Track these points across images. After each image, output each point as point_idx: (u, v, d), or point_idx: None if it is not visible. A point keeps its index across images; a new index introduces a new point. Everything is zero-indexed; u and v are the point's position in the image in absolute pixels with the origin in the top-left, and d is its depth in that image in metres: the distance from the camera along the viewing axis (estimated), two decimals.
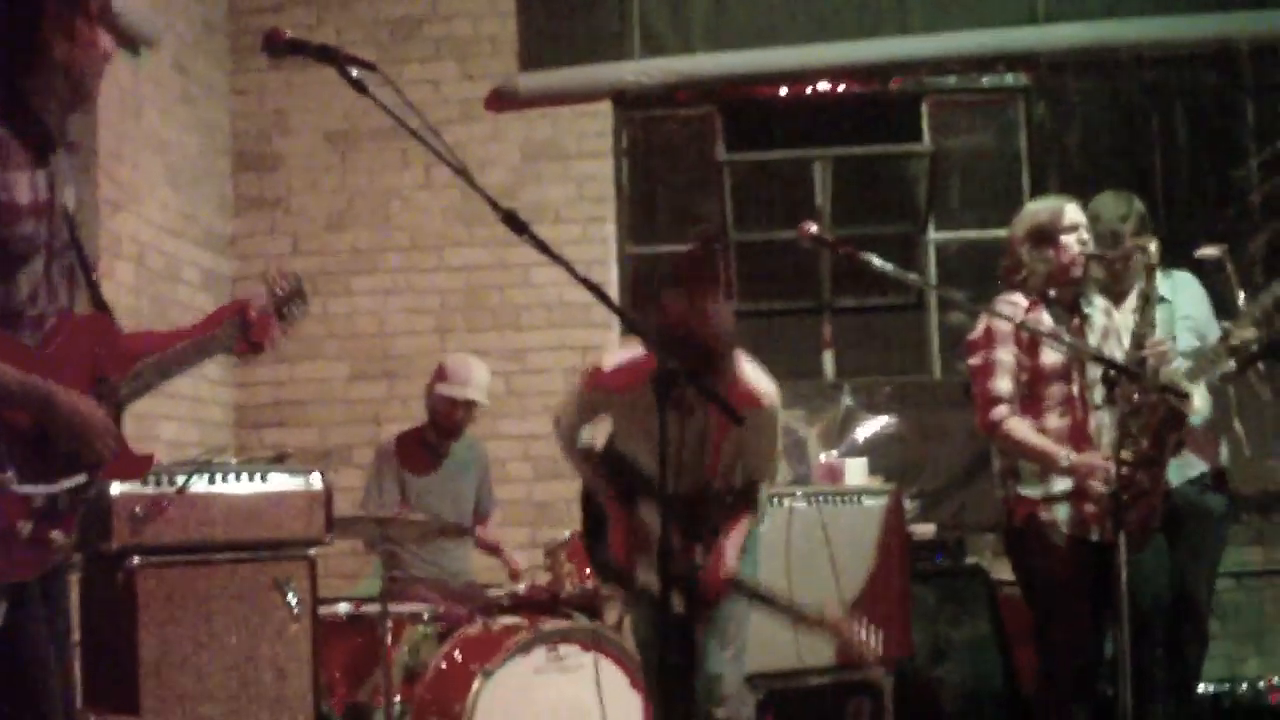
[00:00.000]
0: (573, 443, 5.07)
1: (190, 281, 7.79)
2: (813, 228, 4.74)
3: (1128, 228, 5.68)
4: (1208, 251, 5.84)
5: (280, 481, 5.59)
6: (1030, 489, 5.20)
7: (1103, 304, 5.39)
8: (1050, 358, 5.17)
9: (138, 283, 7.06)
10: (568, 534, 6.29)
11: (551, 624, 5.85)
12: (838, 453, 7.80)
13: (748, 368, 4.90)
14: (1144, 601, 5.04)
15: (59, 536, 3.34)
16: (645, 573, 4.85)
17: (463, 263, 8.40)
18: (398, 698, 5.94)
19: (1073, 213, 5.29)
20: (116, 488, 5.10)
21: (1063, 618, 5.13)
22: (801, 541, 6.31)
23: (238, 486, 5.47)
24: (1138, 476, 4.96)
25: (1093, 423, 5.16)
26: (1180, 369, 5.20)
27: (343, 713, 6.13)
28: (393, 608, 5.95)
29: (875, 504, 6.69)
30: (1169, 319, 5.64)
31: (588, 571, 6.12)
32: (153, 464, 3.86)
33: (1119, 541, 4.52)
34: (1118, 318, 5.37)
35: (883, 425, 8.29)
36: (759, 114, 8.61)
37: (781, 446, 5.22)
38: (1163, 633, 5.42)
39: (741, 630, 5.00)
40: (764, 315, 8.52)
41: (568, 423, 5.12)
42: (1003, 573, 6.41)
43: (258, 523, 5.50)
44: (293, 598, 5.52)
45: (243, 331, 3.84)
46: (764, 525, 5.25)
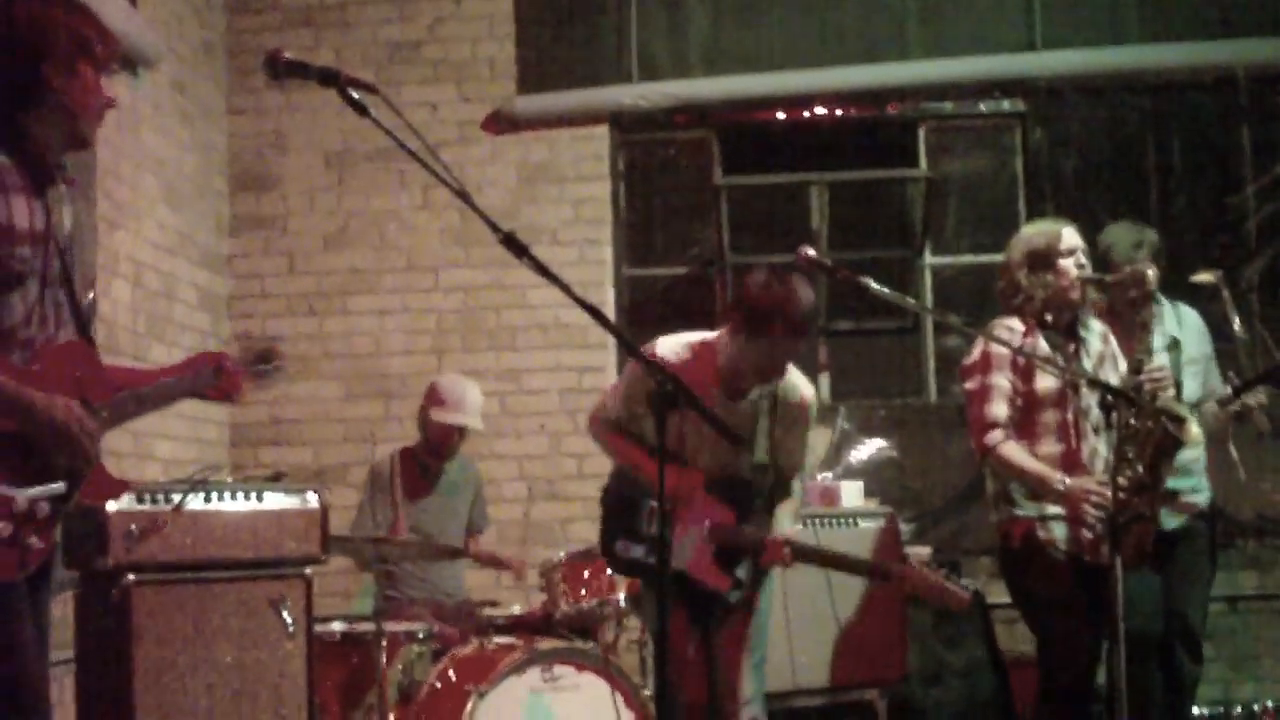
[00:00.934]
0: (614, 425, 5.08)
1: (187, 300, 7.79)
2: (809, 251, 4.75)
3: (1142, 255, 5.69)
4: (1203, 277, 5.85)
5: (276, 500, 5.59)
6: (1026, 509, 5.20)
7: (1099, 329, 5.39)
8: (1045, 383, 5.17)
9: (134, 301, 7.07)
10: (562, 554, 6.29)
11: (546, 644, 5.85)
12: (833, 475, 7.82)
13: (791, 370, 5.05)
14: (1135, 624, 5.04)
15: (36, 543, 3.39)
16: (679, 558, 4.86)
17: (459, 283, 8.41)
18: (392, 717, 5.93)
19: (1070, 236, 5.29)
20: (112, 505, 5.10)
21: (1062, 637, 5.13)
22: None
23: (234, 505, 5.47)
24: (1133, 501, 4.96)
25: (1086, 449, 5.16)
26: (1195, 433, 5.18)
27: None
28: (387, 627, 5.95)
29: (871, 526, 6.71)
30: (1177, 362, 5.65)
31: (583, 592, 6.12)
32: (128, 488, 3.92)
33: (1114, 565, 4.52)
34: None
35: (878, 448, 8.31)
36: (756, 138, 8.63)
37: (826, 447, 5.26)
38: (1158, 656, 5.43)
39: (762, 641, 5.09)
40: None
41: (615, 404, 5.13)
42: (998, 596, 6.41)
43: (253, 541, 5.50)
44: (288, 616, 5.52)
45: (216, 381, 3.97)
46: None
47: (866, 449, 8.29)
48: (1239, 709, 7.08)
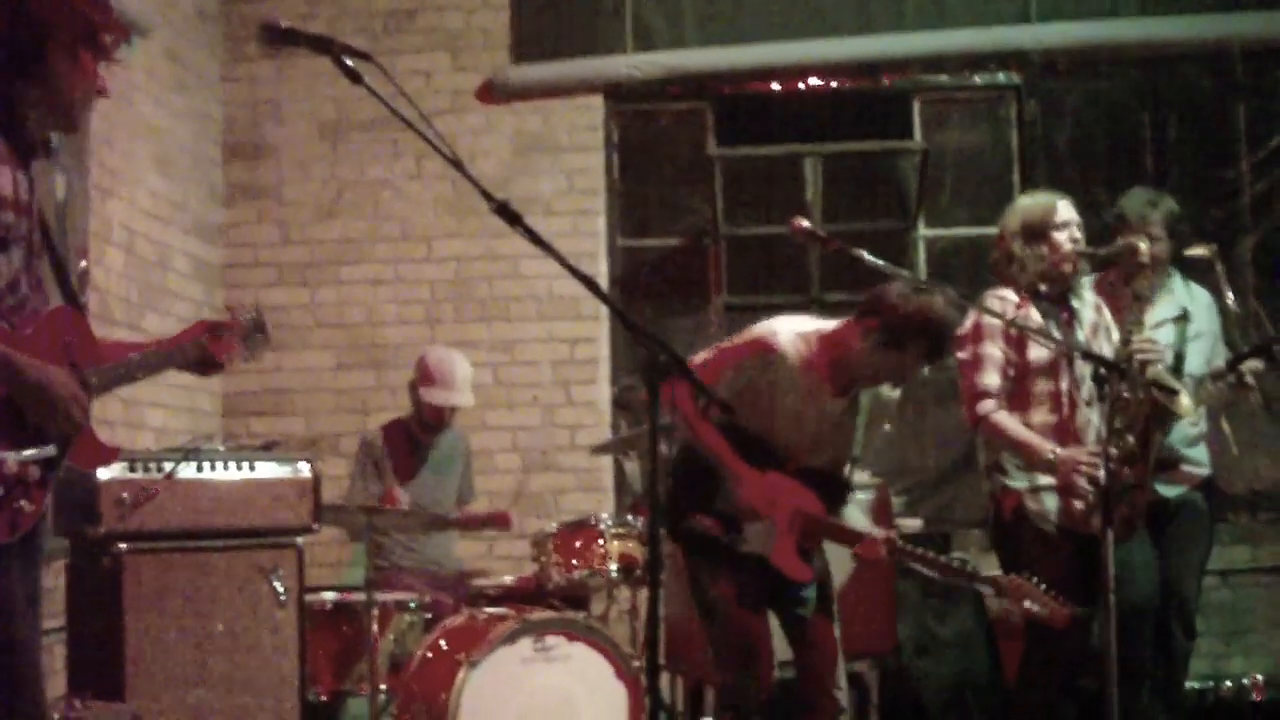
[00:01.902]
0: (704, 414, 4.90)
1: (180, 269, 7.77)
2: (804, 223, 4.75)
3: (1156, 216, 5.69)
4: (1197, 251, 5.84)
5: (269, 470, 5.60)
6: (1017, 480, 5.22)
7: (1092, 300, 5.39)
8: (1037, 354, 5.18)
9: (128, 269, 7.05)
10: (554, 525, 6.29)
11: (538, 614, 5.85)
12: None
13: None
14: (1130, 596, 5.05)
15: (27, 506, 3.41)
16: (751, 540, 4.83)
17: (452, 254, 8.38)
18: (383, 686, 5.95)
19: (1064, 210, 5.30)
20: (104, 474, 5.11)
21: None
22: None
23: (226, 474, 5.48)
24: (1124, 472, 4.97)
25: (1079, 420, 5.17)
26: (1186, 405, 5.18)
27: (328, 701, 6.14)
28: (379, 596, 5.96)
29: (862, 499, 6.70)
30: (1183, 333, 5.66)
31: (575, 562, 6.12)
32: (119, 455, 3.93)
33: (1105, 536, 4.53)
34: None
35: None
36: (751, 109, 8.60)
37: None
38: (1150, 628, 5.44)
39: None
40: (753, 310, 8.50)
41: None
42: (989, 567, 6.41)
43: (245, 510, 5.52)
44: (279, 585, 5.54)
45: (206, 348, 3.97)
46: None
47: None
48: (1229, 682, 7.09)
